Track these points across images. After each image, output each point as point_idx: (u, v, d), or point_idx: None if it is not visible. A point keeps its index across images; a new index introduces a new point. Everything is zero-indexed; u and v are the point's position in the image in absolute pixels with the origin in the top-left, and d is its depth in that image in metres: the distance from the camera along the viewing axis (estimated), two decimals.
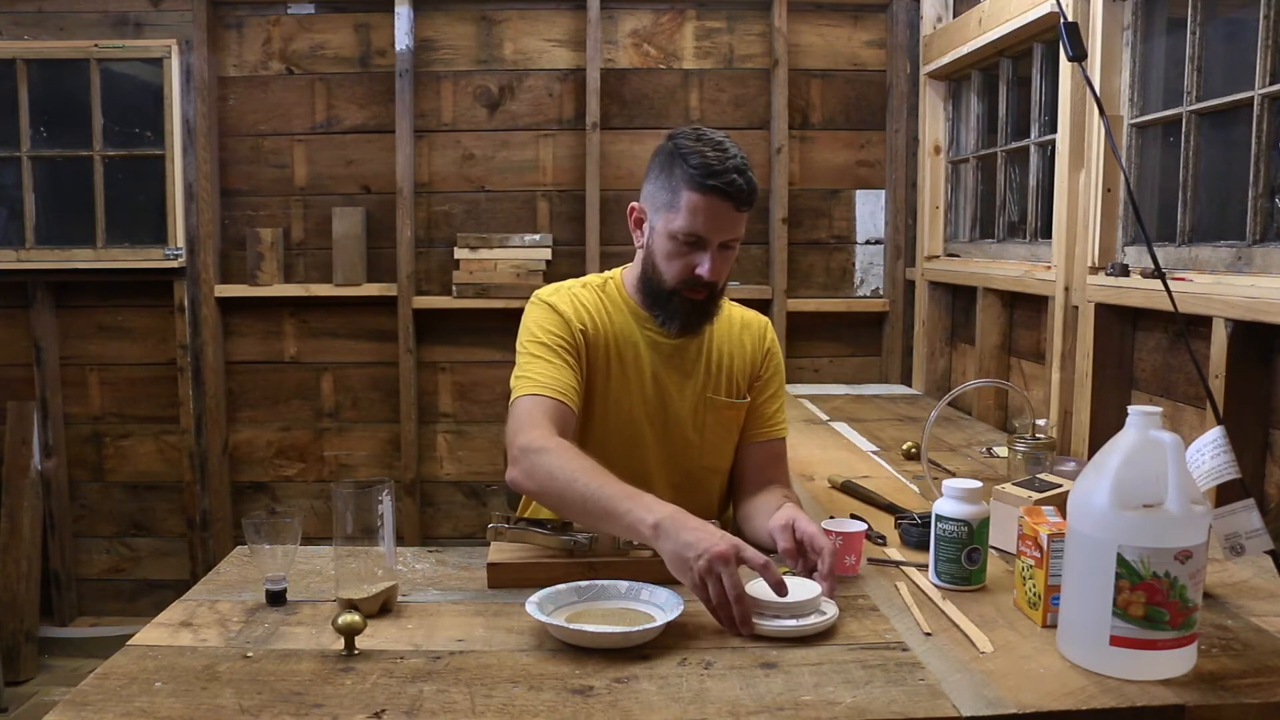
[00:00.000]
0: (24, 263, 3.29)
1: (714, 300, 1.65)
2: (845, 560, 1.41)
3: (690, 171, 1.53)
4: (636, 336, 1.67)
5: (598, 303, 1.69)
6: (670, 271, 1.60)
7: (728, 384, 1.70)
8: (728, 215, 1.55)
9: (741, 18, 3.39)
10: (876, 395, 3.23)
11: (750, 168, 1.56)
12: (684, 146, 1.56)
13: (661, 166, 1.60)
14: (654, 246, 1.62)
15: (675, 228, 1.57)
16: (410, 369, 3.38)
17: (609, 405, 1.66)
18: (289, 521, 1.31)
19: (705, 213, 1.54)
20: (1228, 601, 1.30)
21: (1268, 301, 1.61)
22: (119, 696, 1.05)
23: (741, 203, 1.55)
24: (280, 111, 3.38)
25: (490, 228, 3.41)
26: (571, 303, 1.66)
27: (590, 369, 1.64)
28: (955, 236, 3.25)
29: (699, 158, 1.53)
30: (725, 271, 1.62)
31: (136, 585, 3.52)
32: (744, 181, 1.53)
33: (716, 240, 1.57)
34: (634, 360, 1.66)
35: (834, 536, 1.39)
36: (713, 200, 1.53)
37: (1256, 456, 1.72)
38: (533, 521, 1.42)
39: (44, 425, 3.37)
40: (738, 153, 1.56)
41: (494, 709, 1.02)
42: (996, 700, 1.02)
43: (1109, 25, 2.16)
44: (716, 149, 1.54)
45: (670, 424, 1.67)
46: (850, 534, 1.42)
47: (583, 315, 1.65)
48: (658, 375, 1.66)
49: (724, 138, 1.58)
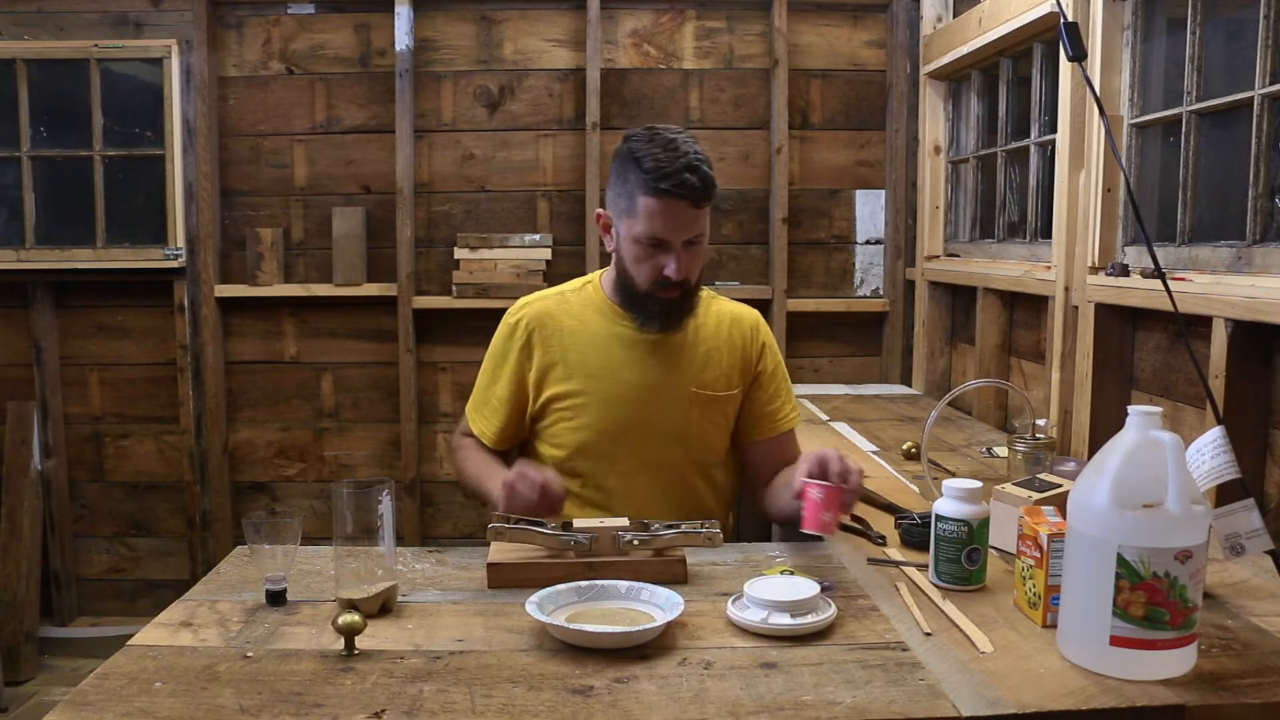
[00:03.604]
0: (24, 263, 3.28)
1: (689, 296, 1.65)
2: (822, 516, 1.38)
3: (643, 176, 1.52)
4: (613, 336, 1.68)
5: (564, 306, 1.72)
6: (640, 275, 1.61)
7: (714, 378, 1.70)
8: (685, 214, 1.54)
9: (741, 18, 3.39)
10: (876, 395, 3.23)
11: (706, 161, 1.55)
12: (636, 150, 1.55)
13: (618, 172, 1.60)
14: (622, 251, 1.63)
15: (636, 233, 1.57)
16: (410, 369, 3.38)
17: (587, 405, 1.67)
18: (289, 521, 1.31)
19: (663, 215, 1.53)
20: (1228, 601, 1.30)
21: (1268, 301, 1.61)
22: (119, 696, 1.05)
23: (698, 200, 1.53)
24: (280, 111, 3.38)
25: (490, 228, 3.41)
26: (522, 317, 1.73)
27: (556, 371, 1.69)
28: (955, 236, 3.25)
29: (651, 160, 1.52)
30: (696, 267, 1.62)
31: (136, 585, 3.52)
32: (697, 179, 1.52)
33: (679, 240, 1.56)
34: (609, 360, 1.68)
35: (816, 489, 1.38)
36: (668, 202, 1.52)
37: (1256, 456, 1.72)
38: (533, 521, 1.42)
39: (44, 425, 3.37)
40: (691, 149, 1.54)
41: (494, 709, 1.02)
42: (996, 700, 1.02)
43: (1109, 25, 2.16)
44: (668, 149, 1.52)
45: (654, 420, 1.68)
46: (829, 489, 1.39)
47: (538, 326, 1.71)
48: (638, 373, 1.67)
49: (677, 134, 1.56)
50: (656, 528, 1.42)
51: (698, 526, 1.42)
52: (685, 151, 1.53)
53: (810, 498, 1.40)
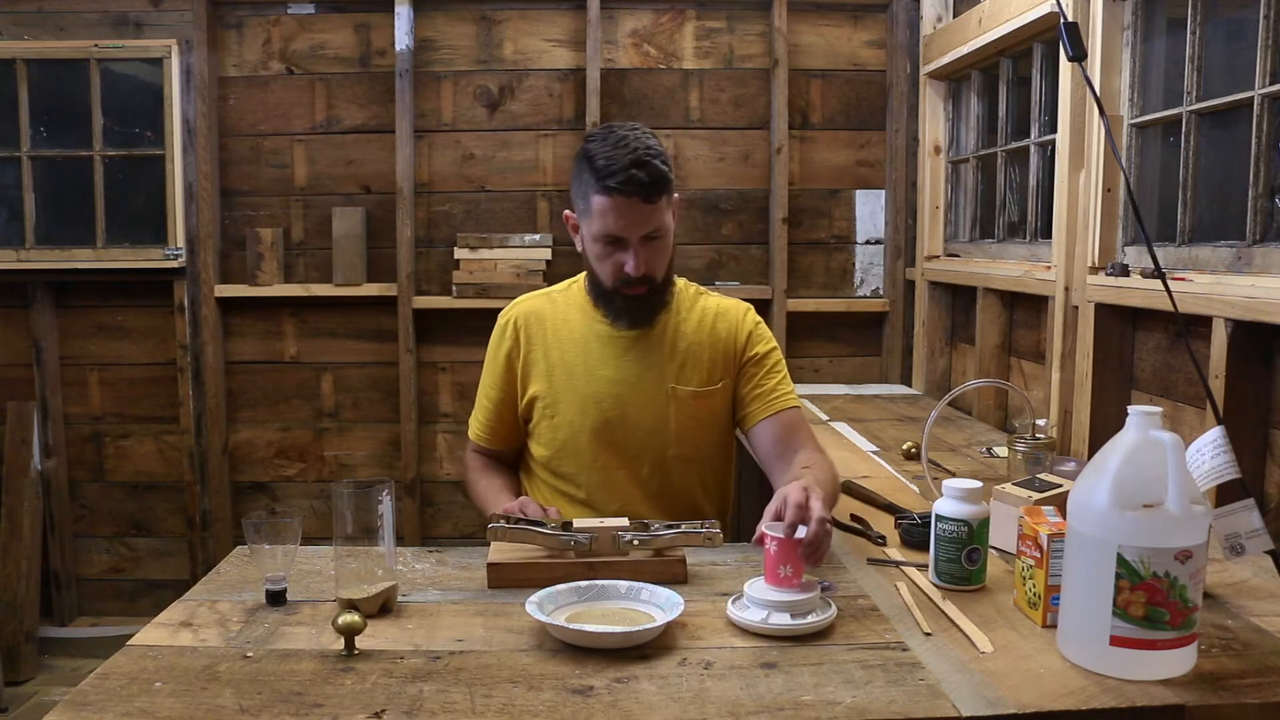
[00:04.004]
0: (24, 263, 3.28)
1: (657, 292, 1.65)
2: (779, 571, 1.23)
3: (595, 174, 1.53)
4: (591, 334, 1.70)
5: (551, 306, 1.75)
6: (604, 273, 1.62)
7: (695, 374, 1.70)
8: (638, 210, 1.53)
9: (741, 18, 3.39)
10: (876, 395, 3.23)
11: (658, 154, 1.53)
12: (590, 149, 1.55)
13: (575, 172, 1.60)
14: (586, 250, 1.65)
15: (594, 231, 1.58)
16: (410, 369, 3.38)
17: (568, 401, 1.69)
18: (289, 521, 1.31)
19: (615, 213, 1.53)
20: (1228, 601, 1.30)
21: (1268, 301, 1.61)
22: (119, 696, 1.05)
23: (649, 195, 1.52)
24: (280, 111, 3.38)
25: (490, 228, 3.41)
26: (512, 318, 1.76)
27: (539, 369, 1.72)
28: (955, 236, 3.25)
29: (601, 158, 1.51)
30: (658, 262, 1.61)
31: (136, 585, 3.52)
32: (645, 174, 1.50)
33: (635, 236, 1.56)
34: (587, 358, 1.69)
35: (770, 541, 1.24)
36: (618, 200, 1.52)
37: (1256, 456, 1.72)
38: (533, 521, 1.43)
39: (44, 425, 3.37)
40: (642, 144, 1.52)
41: (494, 709, 1.02)
42: (996, 700, 1.02)
43: (1109, 25, 2.16)
44: (618, 146, 1.52)
45: (631, 417, 1.68)
46: (783, 541, 1.23)
47: (526, 325, 1.74)
48: (615, 370, 1.68)
49: (631, 130, 1.55)
50: (656, 528, 1.42)
51: (698, 526, 1.42)
52: (635, 147, 1.51)
53: (766, 550, 1.25)
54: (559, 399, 1.70)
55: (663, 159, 1.55)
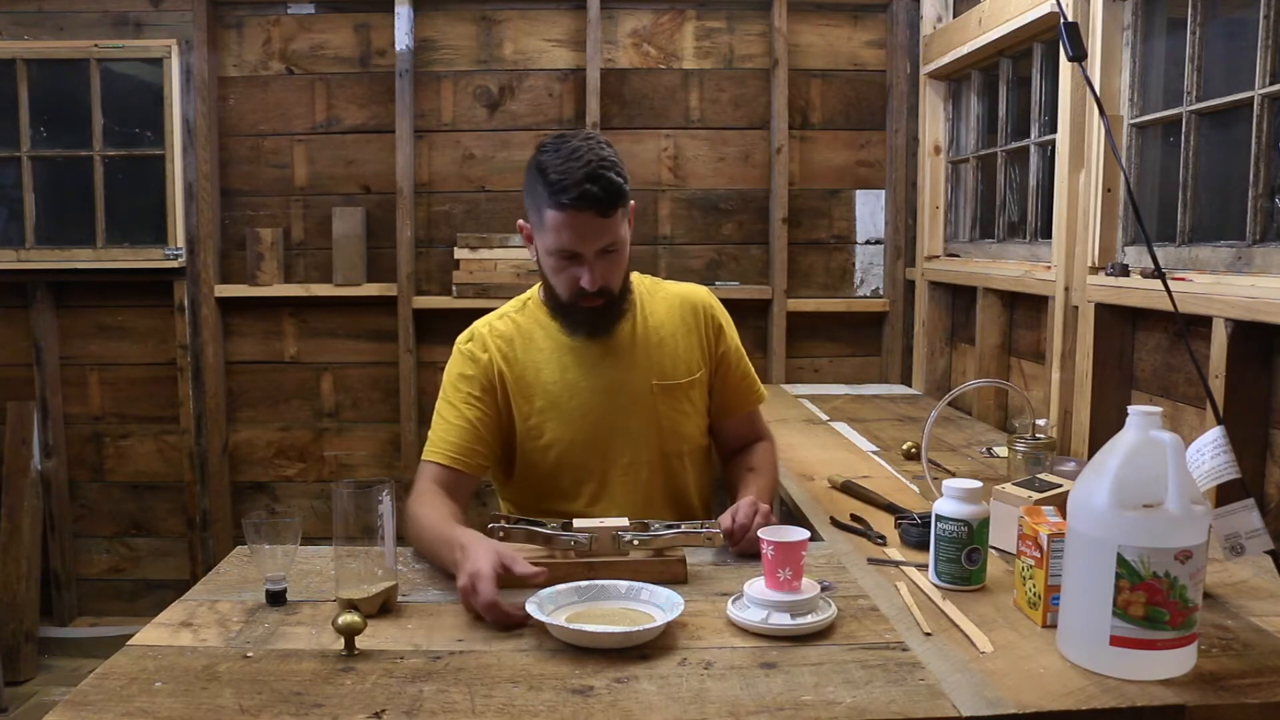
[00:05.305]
0: (24, 263, 3.29)
1: (614, 304, 1.61)
2: (778, 574, 1.23)
3: (547, 189, 1.48)
4: (563, 348, 1.65)
5: (516, 328, 1.68)
6: (560, 286, 1.58)
7: (674, 366, 1.68)
8: (593, 225, 1.49)
9: (741, 18, 3.39)
10: (876, 395, 3.23)
11: (612, 166, 1.48)
12: (543, 161, 1.50)
13: (528, 184, 1.55)
14: (541, 264, 1.60)
15: (548, 246, 1.53)
16: (410, 369, 3.38)
17: (553, 419, 1.65)
18: (289, 521, 1.31)
19: (569, 228, 1.49)
20: (1228, 601, 1.30)
21: (1268, 301, 1.61)
22: (119, 696, 1.05)
23: (604, 210, 1.47)
24: (280, 111, 3.38)
25: (490, 228, 3.41)
26: (484, 341, 1.67)
27: (521, 393, 1.65)
28: (955, 236, 3.25)
29: (554, 172, 1.46)
30: (615, 275, 1.57)
31: (136, 585, 3.52)
32: (600, 189, 1.45)
33: (590, 250, 1.51)
34: (564, 373, 1.65)
35: (767, 546, 1.25)
36: (572, 215, 1.47)
37: (1256, 456, 1.72)
38: (533, 521, 1.42)
39: (44, 425, 3.37)
40: (596, 156, 1.47)
41: (494, 709, 1.02)
42: (996, 700, 1.02)
43: (1109, 25, 2.16)
44: (571, 158, 1.46)
45: (621, 422, 1.66)
46: (785, 544, 1.23)
47: (501, 348, 1.66)
48: (595, 379, 1.65)
49: (585, 139, 1.50)
50: (656, 528, 1.42)
51: (698, 526, 1.42)
52: (589, 160, 1.46)
53: (764, 556, 1.26)
54: (545, 420, 1.65)
55: (617, 170, 1.49)
